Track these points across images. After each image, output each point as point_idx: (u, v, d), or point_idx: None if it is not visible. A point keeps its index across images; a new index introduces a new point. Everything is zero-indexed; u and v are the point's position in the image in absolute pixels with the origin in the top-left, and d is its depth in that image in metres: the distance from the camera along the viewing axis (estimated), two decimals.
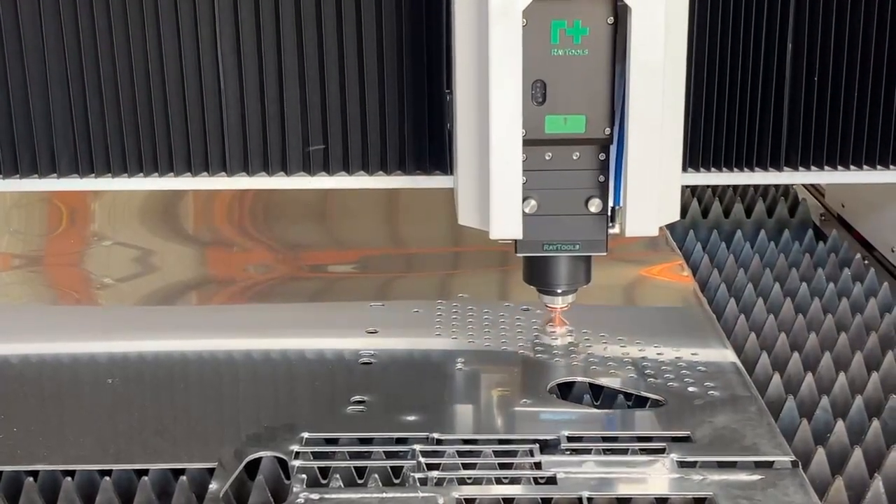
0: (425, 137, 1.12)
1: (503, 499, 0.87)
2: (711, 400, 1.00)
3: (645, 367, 1.05)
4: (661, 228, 1.41)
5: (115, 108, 1.09)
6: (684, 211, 1.55)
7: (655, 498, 0.86)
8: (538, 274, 1.06)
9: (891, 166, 1.15)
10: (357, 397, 1.01)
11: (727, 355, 1.09)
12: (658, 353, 1.08)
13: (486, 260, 1.35)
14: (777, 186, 1.62)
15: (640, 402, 1.01)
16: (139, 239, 1.45)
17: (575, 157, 0.98)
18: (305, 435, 0.94)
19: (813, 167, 1.14)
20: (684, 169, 1.09)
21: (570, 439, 0.93)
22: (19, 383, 1.06)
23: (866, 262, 1.38)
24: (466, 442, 0.93)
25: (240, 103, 1.10)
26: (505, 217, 0.97)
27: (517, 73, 0.93)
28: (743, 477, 0.88)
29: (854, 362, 1.11)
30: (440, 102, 1.10)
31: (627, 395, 1.02)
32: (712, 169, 1.14)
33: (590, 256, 1.05)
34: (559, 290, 1.07)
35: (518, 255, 1.01)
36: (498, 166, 0.96)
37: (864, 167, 1.15)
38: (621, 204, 0.98)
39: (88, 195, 1.55)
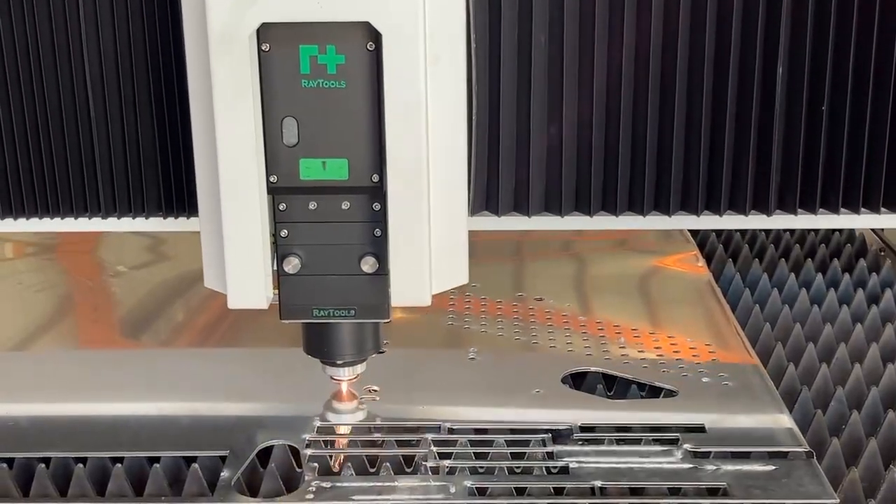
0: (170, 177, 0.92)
1: (515, 488, 0.86)
2: (725, 390, 0.99)
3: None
4: None
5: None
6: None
7: (668, 488, 0.86)
8: (315, 343, 0.91)
9: None
10: (370, 386, 1.00)
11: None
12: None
13: (498, 249, 1.35)
14: None
15: (654, 392, 1.01)
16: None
17: (344, 208, 0.82)
18: (317, 423, 0.94)
19: (884, 209, 0.90)
20: (740, 211, 0.90)
21: (583, 429, 0.93)
22: None
23: (882, 253, 1.37)
24: (478, 431, 0.93)
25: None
26: (243, 281, 0.82)
27: (249, 109, 0.78)
28: (757, 467, 0.88)
29: (869, 354, 1.10)
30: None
31: (641, 386, 1.01)
32: (751, 212, 0.91)
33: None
34: (339, 362, 0.92)
35: (283, 321, 0.86)
36: (231, 221, 0.80)
37: None
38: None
39: None
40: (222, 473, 0.88)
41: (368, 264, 0.83)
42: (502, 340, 1.10)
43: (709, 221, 0.91)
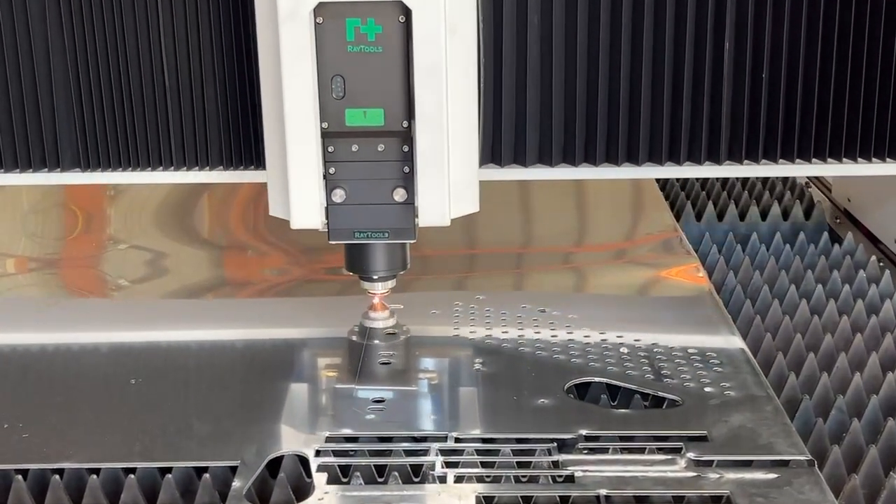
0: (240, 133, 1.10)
1: (522, 497, 0.88)
2: (728, 400, 1.00)
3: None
4: (676, 230, 1.44)
5: (109, 102, 1.09)
6: (699, 214, 1.57)
7: (672, 496, 0.87)
8: (355, 261, 1.11)
9: (888, 159, 1.11)
10: (377, 397, 1.02)
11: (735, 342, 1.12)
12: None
13: (501, 262, 1.36)
14: (791, 188, 1.63)
15: (657, 401, 1.02)
16: (155, 242, 1.46)
17: (380, 149, 1.01)
18: (326, 433, 0.95)
19: (815, 160, 1.11)
20: (696, 161, 1.10)
21: (588, 438, 0.94)
22: (45, 380, 1.08)
23: (881, 263, 1.38)
24: (485, 441, 0.94)
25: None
26: (304, 207, 1.02)
27: (308, 68, 0.97)
28: (759, 475, 0.89)
29: (869, 363, 1.11)
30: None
31: (644, 395, 1.03)
32: (706, 162, 1.10)
33: (405, 244, 1.09)
34: (375, 277, 1.11)
35: (330, 242, 1.04)
36: (294, 159, 1.00)
37: (860, 159, 1.10)
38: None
39: (104, 199, 1.56)
40: (233, 483, 0.89)
41: (399, 195, 1.02)
42: (506, 351, 1.12)
43: (671, 171, 1.10)
